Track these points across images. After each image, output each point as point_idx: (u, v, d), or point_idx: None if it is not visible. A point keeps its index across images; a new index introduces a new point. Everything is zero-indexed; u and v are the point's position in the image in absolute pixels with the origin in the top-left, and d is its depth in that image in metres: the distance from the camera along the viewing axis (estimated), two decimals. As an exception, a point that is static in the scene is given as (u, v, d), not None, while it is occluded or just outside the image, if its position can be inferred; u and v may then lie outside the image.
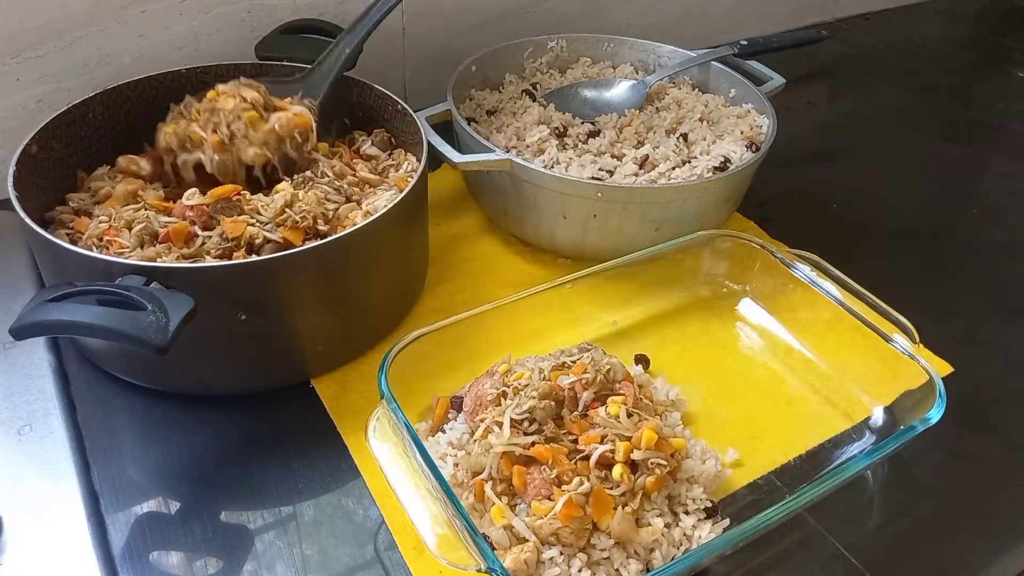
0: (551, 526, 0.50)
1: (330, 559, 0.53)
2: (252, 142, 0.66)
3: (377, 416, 0.54)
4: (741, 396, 0.65)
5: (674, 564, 0.48)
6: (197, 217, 0.63)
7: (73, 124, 0.69)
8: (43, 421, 0.59)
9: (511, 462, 0.52)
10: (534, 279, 0.75)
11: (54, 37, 0.76)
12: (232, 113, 0.67)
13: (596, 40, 0.94)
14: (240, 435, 0.61)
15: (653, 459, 0.52)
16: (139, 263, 0.55)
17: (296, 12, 0.86)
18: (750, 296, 0.73)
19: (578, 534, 0.50)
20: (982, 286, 0.80)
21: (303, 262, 0.58)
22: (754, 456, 0.60)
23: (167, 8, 0.81)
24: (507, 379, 0.57)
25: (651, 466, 0.52)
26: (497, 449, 0.53)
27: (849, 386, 0.65)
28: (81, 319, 0.50)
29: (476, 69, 0.86)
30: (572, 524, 0.50)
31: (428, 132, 0.72)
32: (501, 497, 0.52)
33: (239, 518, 0.55)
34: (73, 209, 0.66)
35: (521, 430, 0.53)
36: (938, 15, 1.40)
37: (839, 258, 0.69)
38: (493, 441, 0.53)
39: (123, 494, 0.56)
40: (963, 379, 0.67)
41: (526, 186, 0.73)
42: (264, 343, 0.61)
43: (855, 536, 0.56)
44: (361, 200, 0.70)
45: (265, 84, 0.73)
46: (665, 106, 0.87)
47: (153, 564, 0.52)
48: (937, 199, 0.93)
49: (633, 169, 0.76)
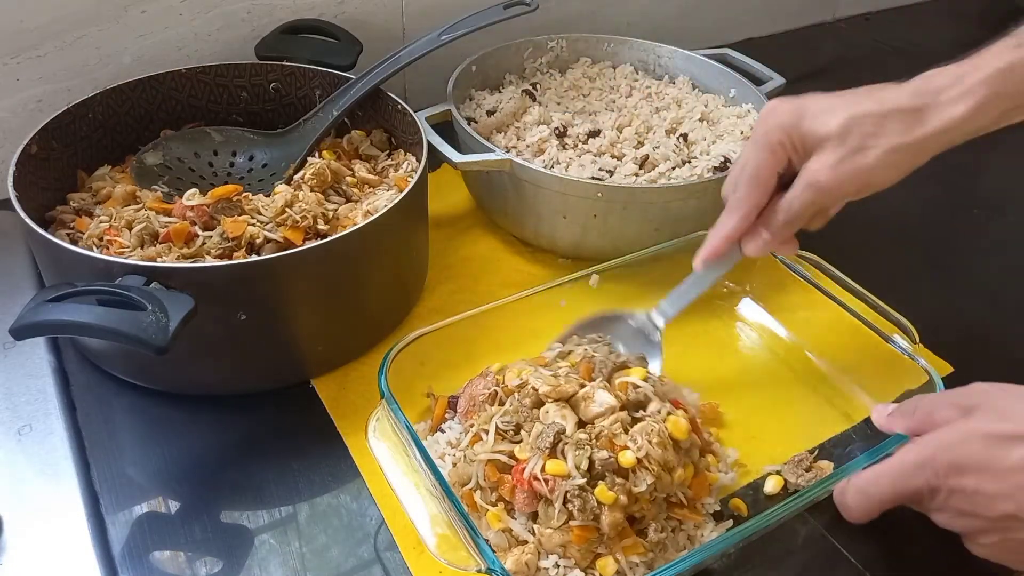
0: (561, 538, 0.50)
1: (330, 559, 0.53)
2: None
3: (377, 416, 0.54)
4: (741, 396, 0.65)
5: (675, 564, 0.48)
6: (197, 217, 0.63)
7: (73, 124, 0.69)
8: (43, 421, 0.59)
9: (497, 469, 0.52)
10: (534, 279, 0.75)
11: (54, 37, 0.76)
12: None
13: (596, 40, 0.94)
14: (240, 435, 0.61)
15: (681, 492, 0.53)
16: (139, 263, 0.55)
17: (296, 12, 0.86)
18: (750, 296, 0.73)
19: (584, 554, 0.50)
20: (982, 286, 0.80)
21: (303, 262, 0.58)
22: (754, 456, 0.60)
23: (167, 8, 0.81)
24: (499, 379, 0.57)
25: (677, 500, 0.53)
26: (481, 458, 0.53)
27: (849, 386, 0.65)
28: (81, 319, 0.50)
29: (476, 69, 0.86)
30: (583, 544, 0.50)
31: (428, 132, 0.72)
32: (497, 503, 0.52)
33: (239, 518, 0.55)
34: (74, 209, 0.66)
35: (507, 437, 0.53)
36: (939, 15, 1.40)
37: (839, 258, 0.69)
38: (477, 450, 0.53)
39: (123, 494, 0.56)
40: (963, 379, 0.67)
41: (526, 186, 0.73)
42: (264, 343, 0.61)
43: (855, 536, 0.56)
44: (361, 200, 0.70)
45: (247, 134, 0.74)
46: (665, 106, 0.87)
47: (153, 564, 0.52)
48: (937, 199, 0.93)
49: (633, 169, 0.76)
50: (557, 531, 0.49)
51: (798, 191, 0.54)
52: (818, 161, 0.53)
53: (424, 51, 0.75)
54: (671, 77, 0.92)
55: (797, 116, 0.54)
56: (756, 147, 0.56)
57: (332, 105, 0.75)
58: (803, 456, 0.59)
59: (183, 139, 0.75)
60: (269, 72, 0.78)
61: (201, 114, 0.78)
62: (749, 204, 0.56)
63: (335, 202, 0.69)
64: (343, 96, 0.75)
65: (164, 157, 0.73)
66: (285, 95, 0.79)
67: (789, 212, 0.55)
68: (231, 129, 0.76)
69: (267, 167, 0.75)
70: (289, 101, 0.79)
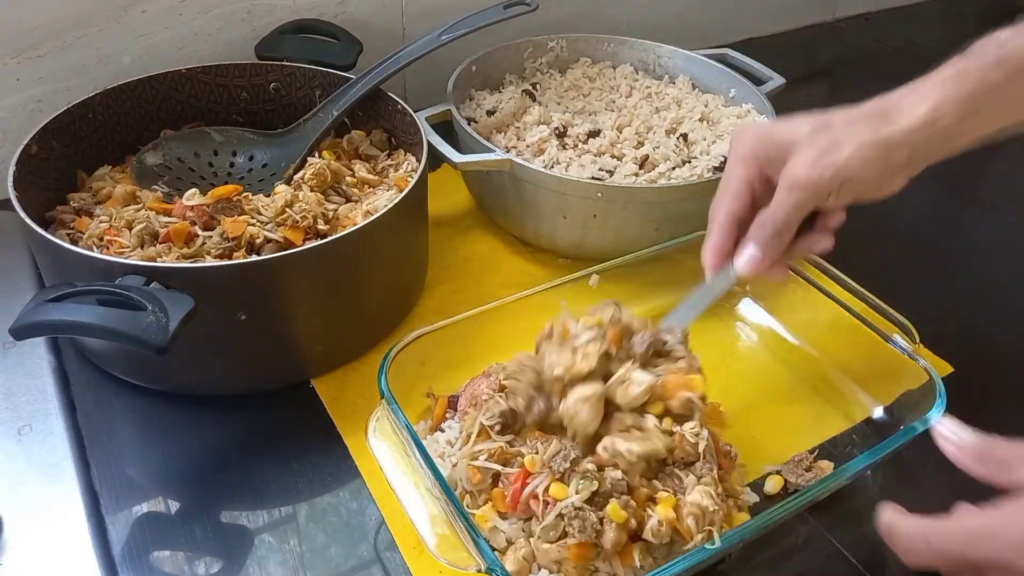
0: (558, 554, 0.49)
1: (330, 559, 0.53)
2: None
3: (377, 416, 0.54)
4: (741, 396, 0.65)
5: (674, 564, 0.48)
6: (197, 217, 0.63)
7: (73, 124, 0.69)
8: (43, 421, 0.59)
9: (478, 472, 0.52)
10: (534, 279, 0.75)
11: (54, 37, 0.76)
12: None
13: (596, 40, 0.94)
14: (240, 435, 0.61)
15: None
16: (139, 263, 0.55)
17: (296, 12, 0.86)
18: (750, 296, 0.73)
19: (580, 572, 0.50)
20: (982, 286, 0.80)
21: (303, 262, 0.58)
22: (754, 456, 0.60)
23: (167, 8, 0.81)
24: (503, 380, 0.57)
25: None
26: (463, 462, 0.52)
27: (849, 386, 0.65)
28: (81, 319, 0.50)
29: (476, 69, 0.86)
30: (580, 562, 0.49)
31: (428, 132, 0.72)
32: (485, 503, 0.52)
33: (239, 518, 0.55)
34: (74, 209, 0.66)
35: (492, 434, 0.52)
36: (939, 15, 1.40)
37: (839, 258, 0.68)
38: (459, 452, 0.53)
39: (123, 494, 0.56)
40: (963, 379, 0.67)
41: (526, 186, 0.73)
42: (264, 343, 0.61)
43: (855, 536, 0.56)
44: (361, 200, 0.70)
45: (247, 134, 0.74)
46: (665, 106, 0.87)
47: (153, 564, 0.52)
48: (937, 199, 0.93)
49: (633, 169, 0.76)
50: (554, 547, 0.49)
51: (780, 195, 0.54)
52: (794, 161, 0.54)
53: (424, 51, 0.75)
54: (671, 77, 0.92)
55: (767, 130, 0.56)
56: (730, 162, 0.57)
57: (332, 105, 0.76)
58: (803, 456, 0.59)
59: (183, 139, 0.75)
60: (269, 72, 0.78)
61: (201, 114, 0.78)
62: (722, 214, 0.57)
63: (335, 202, 0.69)
64: (343, 96, 0.75)
65: (164, 157, 0.73)
66: (285, 95, 0.79)
67: (775, 220, 0.55)
68: (231, 129, 0.76)
69: (267, 167, 0.75)
70: (289, 101, 0.79)
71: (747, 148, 0.56)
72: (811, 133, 0.54)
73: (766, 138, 0.56)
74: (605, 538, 0.48)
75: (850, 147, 0.52)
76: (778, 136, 0.55)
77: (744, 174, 0.56)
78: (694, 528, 0.49)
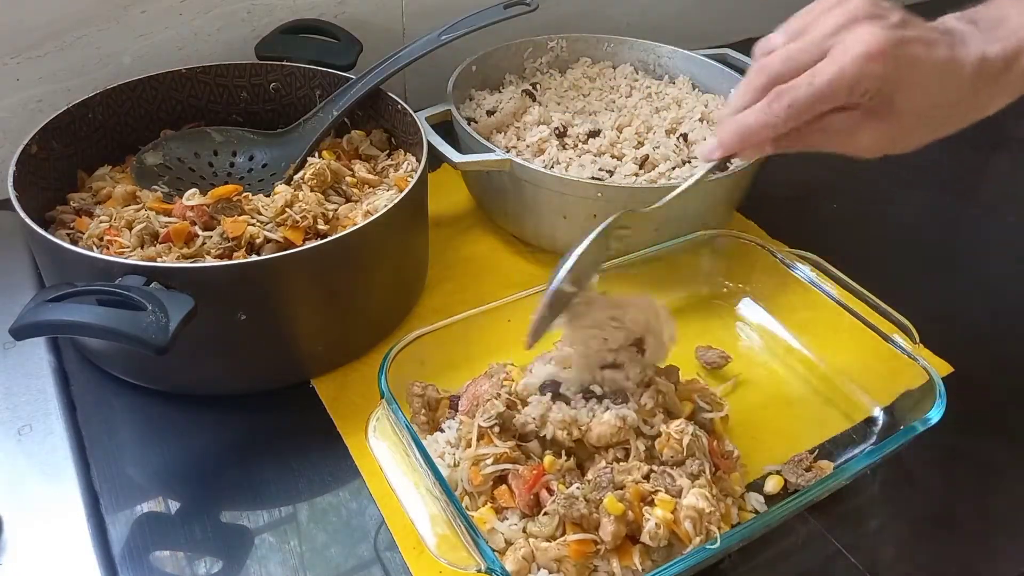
0: (557, 552, 0.49)
1: (330, 559, 0.53)
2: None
3: (377, 416, 0.54)
4: (741, 396, 0.65)
5: (674, 564, 0.48)
6: (197, 217, 0.63)
7: (73, 124, 0.69)
8: (43, 421, 0.59)
9: (479, 474, 0.52)
10: (534, 279, 0.75)
11: (54, 37, 0.76)
12: None
13: (596, 40, 0.94)
14: (240, 435, 0.61)
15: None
16: (139, 263, 0.55)
17: (296, 12, 0.86)
18: (750, 296, 0.73)
19: (580, 570, 0.50)
20: (982, 286, 0.80)
21: (303, 262, 0.58)
22: (754, 456, 0.60)
23: (167, 8, 0.81)
24: (508, 382, 0.57)
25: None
26: (464, 464, 0.53)
27: (849, 386, 0.65)
28: (81, 319, 0.50)
29: (476, 69, 0.86)
30: (579, 559, 0.49)
31: (428, 132, 0.72)
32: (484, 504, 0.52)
33: (239, 518, 0.55)
34: (74, 209, 0.66)
35: (493, 438, 0.53)
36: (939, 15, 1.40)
37: (839, 258, 0.69)
38: (460, 455, 0.53)
39: (123, 494, 0.56)
40: (963, 379, 0.67)
41: (526, 186, 0.73)
42: (264, 343, 0.61)
43: (855, 536, 0.56)
44: (361, 200, 0.70)
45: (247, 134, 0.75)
46: (665, 106, 0.87)
47: (153, 564, 0.52)
48: (937, 199, 0.93)
49: (633, 169, 0.76)
50: (553, 545, 0.49)
51: (845, 57, 0.46)
52: (860, 28, 0.46)
53: (424, 51, 0.75)
54: (671, 77, 0.92)
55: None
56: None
57: (332, 105, 0.76)
58: (803, 456, 0.59)
59: (183, 139, 0.75)
60: (269, 72, 0.78)
61: (201, 114, 0.78)
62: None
63: (335, 202, 0.69)
64: (343, 96, 0.75)
65: (164, 157, 0.73)
66: (285, 95, 0.79)
67: (813, 87, 0.46)
68: (231, 129, 0.76)
69: (267, 167, 0.75)
70: (289, 101, 0.79)
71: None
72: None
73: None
74: (604, 531, 0.49)
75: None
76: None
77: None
78: (692, 531, 0.49)
